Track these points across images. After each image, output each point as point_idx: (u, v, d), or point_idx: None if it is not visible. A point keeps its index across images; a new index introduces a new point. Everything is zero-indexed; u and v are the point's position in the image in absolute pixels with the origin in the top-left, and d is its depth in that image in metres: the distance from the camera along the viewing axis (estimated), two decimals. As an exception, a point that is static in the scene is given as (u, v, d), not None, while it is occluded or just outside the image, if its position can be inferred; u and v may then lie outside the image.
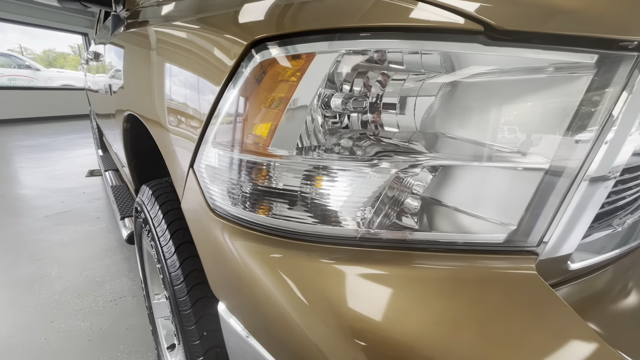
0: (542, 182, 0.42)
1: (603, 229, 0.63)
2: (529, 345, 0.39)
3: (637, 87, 0.38)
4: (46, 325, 1.55)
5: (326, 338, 0.41)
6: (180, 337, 0.75)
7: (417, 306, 0.41)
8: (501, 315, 0.40)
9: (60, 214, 2.78)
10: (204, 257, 0.58)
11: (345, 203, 0.44)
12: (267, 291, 0.46)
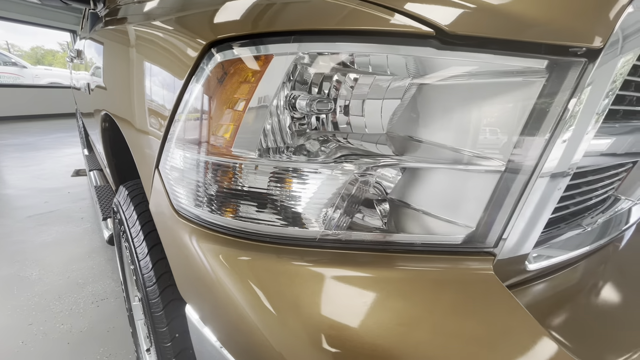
0: (499, 184, 0.42)
1: (573, 229, 0.64)
2: (482, 344, 0.39)
3: (586, 92, 0.39)
4: (24, 328, 1.51)
5: (284, 337, 0.41)
6: (152, 339, 0.75)
7: (377, 307, 0.41)
8: (457, 315, 0.41)
9: (44, 214, 2.72)
10: (171, 259, 0.58)
11: (306, 205, 0.44)
12: (230, 293, 0.46)
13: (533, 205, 0.42)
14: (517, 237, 0.44)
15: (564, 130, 0.40)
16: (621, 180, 0.82)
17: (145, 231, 0.79)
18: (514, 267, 0.47)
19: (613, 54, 0.38)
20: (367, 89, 0.48)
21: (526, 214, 0.43)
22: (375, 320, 0.40)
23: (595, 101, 0.39)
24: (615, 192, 0.85)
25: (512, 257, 0.45)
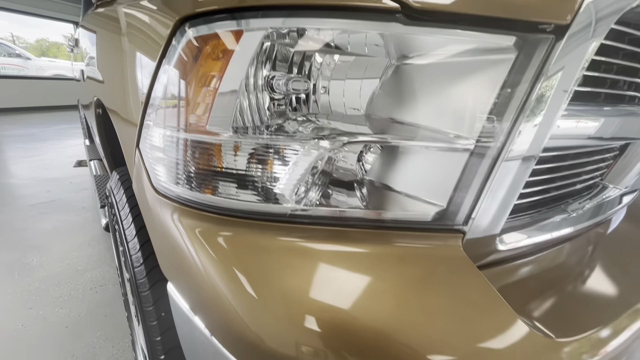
0: (468, 162, 0.43)
1: (558, 214, 0.64)
2: (448, 317, 0.40)
3: (553, 70, 0.39)
4: (24, 312, 1.55)
5: (257, 310, 0.42)
6: (140, 318, 0.77)
7: (345, 281, 0.42)
8: (424, 289, 0.42)
9: (46, 203, 2.76)
10: (152, 237, 0.59)
11: (278, 181, 0.45)
12: (207, 268, 0.47)
13: (500, 185, 0.43)
14: (486, 216, 0.44)
15: (532, 109, 0.40)
16: (608, 167, 0.82)
17: (133, 214, 0.81)
18: (484, 247, 0.47)
19: (581, 32, 0.38)
20: (344, 69, 0.48)
21: (494, 193, 0.43)
22: (344, 293, 0.41)
23: (562, 80, 0.39)
24: (603, 180, 0.85)
25: (481, 237, 0.46)
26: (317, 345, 0.39)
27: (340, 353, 0.39)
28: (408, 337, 0.39)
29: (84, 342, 1.40)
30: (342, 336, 0.39)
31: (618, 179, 0.83)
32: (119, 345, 1.39)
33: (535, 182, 0.57)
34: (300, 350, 0.39)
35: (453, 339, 0.39)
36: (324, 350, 0.38)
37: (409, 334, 0.39)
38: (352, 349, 0.39)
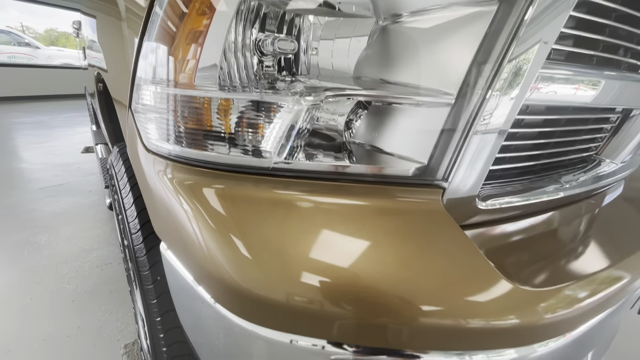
0: (449, 117, 0.43)
1: (552, 183, 0.64)
2: (425, 267, 0.41)
3: (534, 21, 0.39)
4: (33, 287, 1.61)
5: (245, 262, 0.44)
6: (137, 282, 0.79)
7: (325, 232, 0.43)
8: (404, 240, 0.43)
9: (54, 186, 2.83)
10: (145, 198, 0.61)
11: (261, 135, 0.46)
12: (195, 220, 0.48)
13: (480, 140, 0.43)
14: (465, 172, 0.45)
15: (512, 63, 0.40)
16: (605, 142, 0.81)
17: (131, 183, 0.83)
18: (465, 205, 0.48)
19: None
20: (333, 29, 0.48)
21: (473, 149, 0.43)
22: (326, 243, 0.42)
23: (543, 32, 0.39)
24: (600, 155, 0.84)
25: (462, 194, 0.46)
26: (296, 291, 0.40)
27: (321, 298, 0.40)
28: (386, 286, 0.40)
29: (89, 315, 1.45)
30: (325, 284, 0.40)
31: (614, 153, 0.82)
32: (123, 319, 1.44)
33: (524, 147, 0.57)
34: (283, 295, 0.41)
35: (429, 287, 0.40)
36: (303, 294, 0.40)
37: (387, 283, 0.40)
38: (333, 296, 0.40)
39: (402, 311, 0.39)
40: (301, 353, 0.43)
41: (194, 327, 0.60)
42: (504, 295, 0.39)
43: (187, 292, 0.56)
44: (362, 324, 0.40)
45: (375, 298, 0.39)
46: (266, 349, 0.45)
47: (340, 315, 0.39)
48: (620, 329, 0.75)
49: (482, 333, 0.39)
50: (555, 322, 0.40)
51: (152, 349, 0.83)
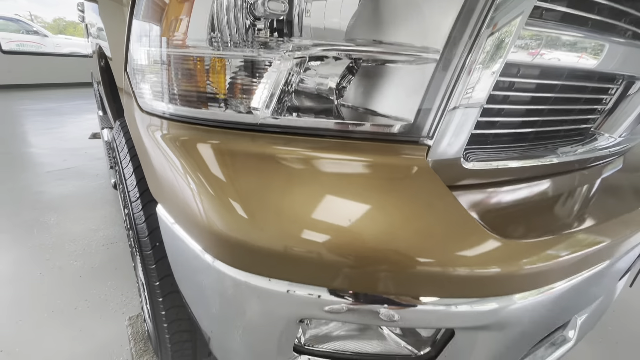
0: (434, 74, 0.44)
1: (548, 154, 0.64)
2: (409, 216, 0.42)
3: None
4: (42, 262, 1.66)
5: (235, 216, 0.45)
6: (137, 249, 0.82)
7: (310, 186, 0.45)
8: (388, 194, 0.44)
9: (62, 170, 2.89)
10: (142, 160, 0.62)
11: (252, 90, 0.47)
12: (188, 176, 0.49)
13: (464, 96, 0.43)
14: (449, 130, 0.45)
15: (495, 17, 0.40)
16: (603, 115, 0.80)
17: (131, 154, 0.85)
18: (451, 165, 0.48)
19: None
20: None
21: (458, 106, 0.44)
22: (316, 197, 0.43)
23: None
24: (599, 129, 0.83)
25: (447, 154, 0.47)
26: (291, 240, 0.42)
27: (315, 247, 0.41)
28: (373, 236, 0.41)
29: (95, 289, 1.50)
30: (316, 234, 0.41)
31: (613, 128, 0.81)
32: (128, 294, 1.49)
33: (516, 113, 0.57)
34: (279, 244, 0.42)
35: (413, 237, 0.41)
36: (298, 244, 0.41)
37: (374, 233, 0.41)
38: (325, 246, 0.41)
39: (388, 260, 0.40)
40: (297, 301, 0.44)
41: (191, 288, 0.62)
42: (483, 245, 0.40)
43: (184, 252, 0.57)
44: (349, 271, 0.41)
45: (362, 248, 0.41)
46: (265, 300, 0.46)
47: (331, 262, 0.40)
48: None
49: (464, 281, 0.40)
50: (534, 274, 0.41)
51: (152, 315, 0.86)
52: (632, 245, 0.59)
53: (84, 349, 1.19)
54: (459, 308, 0.42)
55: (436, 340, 0.50)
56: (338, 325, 0.55)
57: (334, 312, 0.43)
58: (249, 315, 0.48)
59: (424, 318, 0.43)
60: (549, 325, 0.52)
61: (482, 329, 0.44)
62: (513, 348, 0.51)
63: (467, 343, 0.47)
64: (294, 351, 0.51)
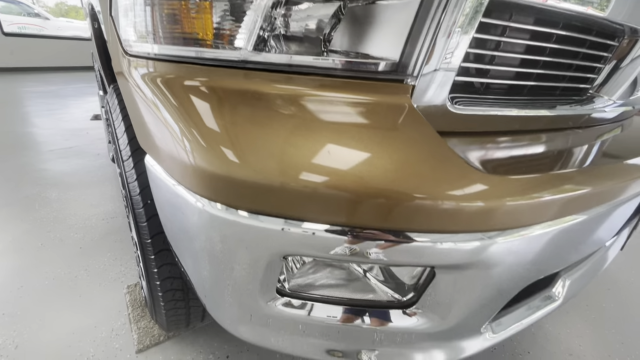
0: (419, 12, 0.42)
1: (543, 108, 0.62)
2: (393, 151, 0.42)
3: None
4: (43, 234, 1.69)
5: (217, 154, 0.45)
6: (129, 206, 0.83)
7: (300, 121, 0.44)
8: (375, 130, 0.43)
9: (64, 149, 2.91)
10: (130, 112, 0.62)
11: (235, 26, 0.46)
12: (172, 114, 0.49)
13: (448, 35, 0.42)
14: (434, 69, 0.45)
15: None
16: (600, 75, 0.78)
17: (123, 114, 0.85)
18: (438, 107, 0.47)
19: None
20: None
21: (441, 45, 0.43)
22: (297, 133, 0.43)
23: None
24: (599, 92, 0.81)
25: (433, 95, 0.46)
26: (283, 174, 0.41)
27: (306, 182, 0.41)
28: (357, 174, 0.41)
29: (95, 260, 1.53)
30: (307, 169, 0.41)
31: (612, 90, 0.79)
32: (127, 264, 1.51)
33: (506, 63, 0.56)
34: (253, 176, 0.42)
35: (396, 171, 0.40)
36: (290, 178, 0.41)
37: (359, 170, 0.41)
38: (315, 181, 0.41)
39: (374, 194, 0.40)
40: (292, 237, 0.44)
41: (181, 236, 0.62)
42: (466, 179, 0.40)
43: (173, 198, 0.56)
44: (337, 205, 0.41)
45: (349, 182, 0.40)
46: (253, 237, 0.45)
47: (319, 196, 0.40)
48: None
49: (448, 214, 0.40)
50: (518, 210, 0.41)
51: (145, 274, 0.87)
52: (619, 201, 0.59)
53: (83, 313, 1.22)
54: (444, 245, 0.42)
55: (418, 285, 0.50)
56: (322, 275, 0.56)
57: (318, 248, 0.43)
58: (237, 255, 0.48)
59: (409, 254, 0.43)
60: (532, 274, 0.52)
61: (464, 268, 0.44)
62: (495, 295, 0.51)
63: (448, 286, 0.48)
64: (277, 293, 0.51)
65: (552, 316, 1.36)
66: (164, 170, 0.57)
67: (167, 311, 0.89)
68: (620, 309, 1.43)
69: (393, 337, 0.52)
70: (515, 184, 0.41)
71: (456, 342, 0.56)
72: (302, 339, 0.54)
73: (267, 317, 0.53)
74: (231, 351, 1.12)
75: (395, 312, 0.51)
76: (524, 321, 0.64)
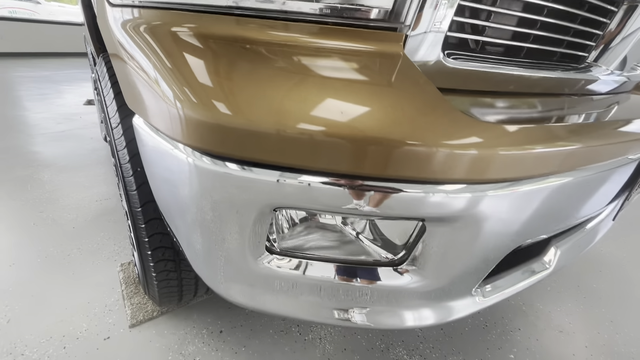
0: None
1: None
2: (384, 96, 0.41)
3: None
4: (36, 214, 1.68)
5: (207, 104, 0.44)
6: (119, 175, 0.82)
7: (287, 70, 0.43)
8: (364, 78, 0.42)
9: (56, 133, 2.87)
10: (116, 67, 0.60)
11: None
12: (166, 62, 0.47)
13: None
14: (428, 18, 0.43)
15: None
16: (598, 43, 0.77)
17: (112, 81, 0.83)
18: (432, 62, 0.46)
19: None
20: None
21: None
22: (291, 81, 0.42)
23: None
24: (597, 62, 0.80)
25: (427, 47, 0.45)
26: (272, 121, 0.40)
27: (285, 127, 0.40)
28: (350, 120, 0.40)
29: (88, 239, 1.52)
30: (297, 117, 0.40)
31: (609, 60, 0.79)
32: (120, 244, 1.51)
33: (506, 21, 0.54)
34: (244, 123, 0.41)
35: (386, 117, 0.40)
36: (282, 125, 0.40)
37: (351, 117, 0.40)
38: (306, 129, 0.40)
39: (366, 140, 0.39)
40: (286, 189, 0.43)
41: (173, 201, 0.60)
42: (458, 126, 0.39)
43: (163, 157, 0.55)
44: (327, 152, 0.40)
45: (342, 128, 0.39)
46: (254, 191, 0.44)
47: (311, 143, 0.39)
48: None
49: (440, 161, 0.39)
50: (509, 160, 0.41)
51: (136, 244, 0.86)
52: (607, 166, 0.58)
53: (75, 290, 1.22)
54: (435, 196, 0.42)
55: (409, 243, 0.50)
56: (313, 237, 0.55)
57: (312, 200, 0.42)
58: (228, 210, 0.47)
59: (401, 205, 0.42)
60: (521, 234, 0.51)
61: (453, 221, 0.44)
62: (484, 253, 0.51)
63: (438, 242, 0.47)
64: (267, 251, 0.51)
65: (544, 295, 1.38)
66: (153, 128, 0.56)
67: (159, 282, 0.88)
68: (610, 290, 1.45)
69: (384, 296, 0.52)
70: (507, 133, 0.41)
71: (446, 303, 0.56)
72: (292, 298, 0.54)
73: (257, 275, 0.53)
74: (225, 326, 1.12)
75: (386, 270, 0.51)
76: (514, 287, 0.64)
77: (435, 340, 1.13)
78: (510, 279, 0.65)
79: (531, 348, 1.13)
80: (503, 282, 0.64)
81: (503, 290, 0.63)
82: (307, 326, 1.14)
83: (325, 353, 1.06)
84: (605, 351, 1.14)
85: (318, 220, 0.49)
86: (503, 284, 0.64)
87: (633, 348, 1.16)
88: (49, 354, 0.98)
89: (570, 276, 1.51)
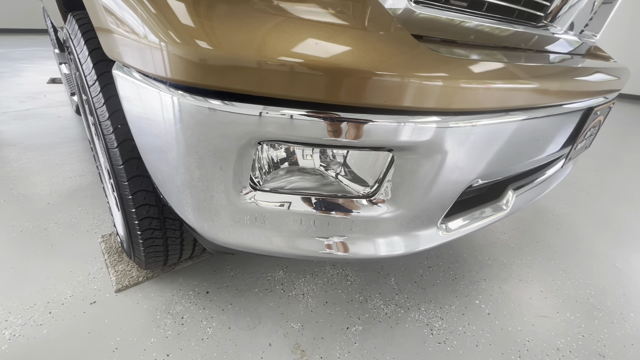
0: None
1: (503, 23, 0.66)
2: (352, 31, 0.45)
3: None
4: (6, 192, 1.61)
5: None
6: (99, 135, 0.82)
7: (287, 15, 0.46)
8: (335, 14, 0.45)
9: (20, 112, 2.71)
10: (95, 20, 0.60)
11: None
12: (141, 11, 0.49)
13: None
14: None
15: None
16: (554, 3, 0.83)
17: (86, 37, 0.81)
18: (400, 9, 0.50)
19: None
20: None
21: None
22: (282, 22, 0.44)
23: None
24: (553, 22, 0.87)
25: (395, 5, 0.49)
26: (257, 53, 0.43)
27: (268, 59, 0.43)
28: (326, 53, 0.43)
29: (65, 214, 1.49)
30: (283, 50, 0.43)
31: (563, 20, 0.85)
32: (99, 217, 1.49)
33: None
34: (227, 56, 0.44)
35: (356, 50, 0.43)
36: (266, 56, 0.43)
37: (328, 50, 0.43)
38: (294, 62, 0.43)
39: (338, 70, 0.43)
40: (268, 122, 0.46)
41: (156, 145, 0.61)
42: (422, 58, 0.44)
43: (145, 101, 0.56)
44: (306, 82, 0.43)
45: (320, 60, 0.42)
46: (237, 125, 0.46)
47: (291, 74, 0.42)
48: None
49: (407, 89, 0.44)
50: (469, 91, 0.46)
51: (120, 204, 0.87)
52: (558, 111, 0.66)
53: (56, 261, 1.21)
54: (403, 125, 0.46)
55: (379, 177, 0.55)
56: (293, 172, 0.58)
57: (293, 131, 0.46)
58: (210, 146, 0.49)
59: (373, 134, 0.47)
60: (480, 167, 0.58)
61: (419, 151, 0.49)
62: (447, 183, 0.56)
63: (404, 173, 0.53)
64: (250, 187, 0.55)
65: (507, 251, 1.51)
66: (136, 72, 0.57)
67: (145, 241, 0.90)
68: (564, 245, 1.60)
69: (361, 225, 0.57)
70: (468, 68, 0.46)
71: (415, 232, 0.62)
72: (276, 233, 0.58)
73: (242, 211, 0.56)
74: (211, 288, 1.17)
75: (360, 202, 0.56)
76: (474, 224, 0.72)
77: (409, 292, 1.23)
78: (471, 217, 0.73)
79: (494, 295, 1.25)
80: (465, 219, 0.71)
81: (465, 227, 0.71)
82: (291, 283, 1.21)
83: (308, 306, 1.13)
84: (558, 294, 1.28)
85: (299, 155, 0.52)
86: (464, 222, 0.71)
87: (581, 291, 1.31)
88: (34, 319, 0.99)
89: (530, 234, 1.65)
